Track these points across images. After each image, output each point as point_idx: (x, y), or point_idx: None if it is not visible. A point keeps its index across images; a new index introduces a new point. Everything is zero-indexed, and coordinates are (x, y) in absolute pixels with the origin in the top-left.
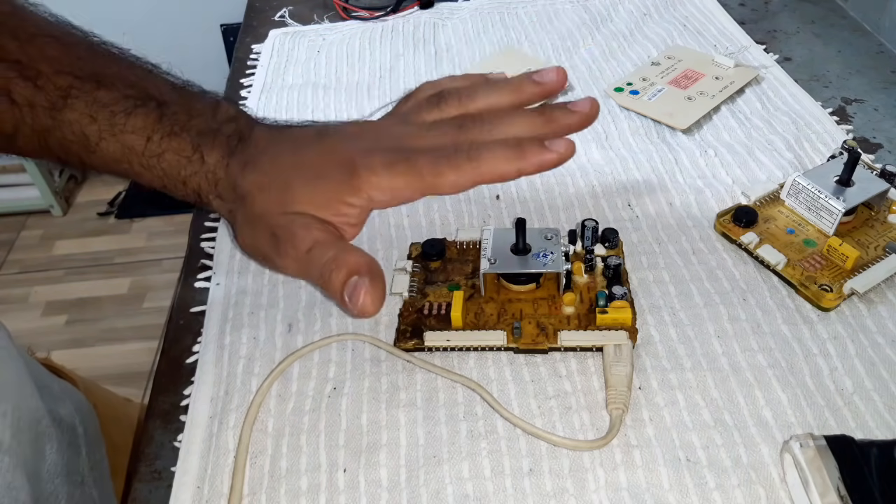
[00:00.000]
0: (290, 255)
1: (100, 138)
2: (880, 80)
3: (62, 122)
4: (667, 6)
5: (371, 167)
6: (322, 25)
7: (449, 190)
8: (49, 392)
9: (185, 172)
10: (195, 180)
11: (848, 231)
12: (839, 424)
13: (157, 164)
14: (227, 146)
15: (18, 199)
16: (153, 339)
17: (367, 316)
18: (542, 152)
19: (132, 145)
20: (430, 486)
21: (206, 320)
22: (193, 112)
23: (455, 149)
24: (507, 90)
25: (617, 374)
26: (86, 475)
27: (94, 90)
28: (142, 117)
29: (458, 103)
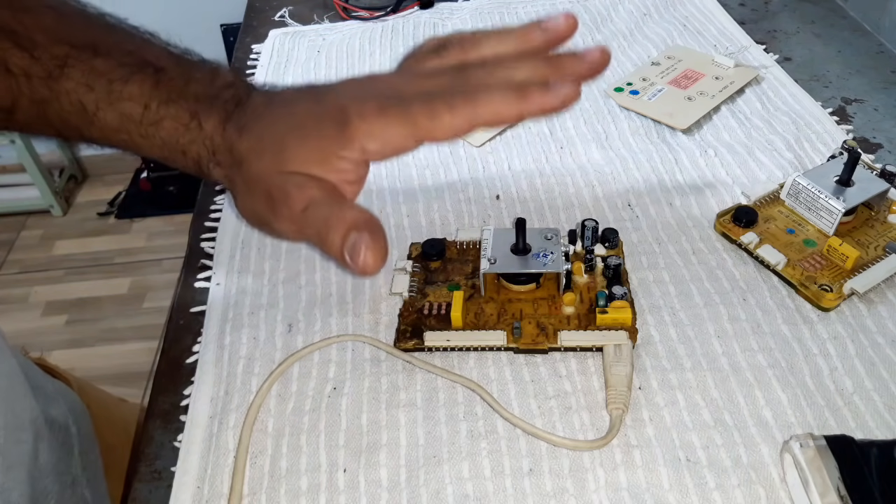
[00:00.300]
0: (285, 216)
1: (97, 108)
2: (880, 80)
3: (59, 93)
4: (667, 6)
5: (362, 114)
6: (322, 25)
7: (445, 134)
8: (42, 392)
9: (184, 140)
10: (194, 148)
11: (848, 231)
12: (839, 424)
13: (155, 133)
14: (225, 111)
15: (18, 199)
16: (153, 339)
17: (369, 274)
18: (545, 94)
19: (130, 113)
20: (430, 486)
21: (206, 320)
22: (191, 79)
23: (452, 90)
24: (513, 38)
25: (617, 374)
26: (78, 475)
27: (91, 59)
28: (138, 84)
29: (460, 51)
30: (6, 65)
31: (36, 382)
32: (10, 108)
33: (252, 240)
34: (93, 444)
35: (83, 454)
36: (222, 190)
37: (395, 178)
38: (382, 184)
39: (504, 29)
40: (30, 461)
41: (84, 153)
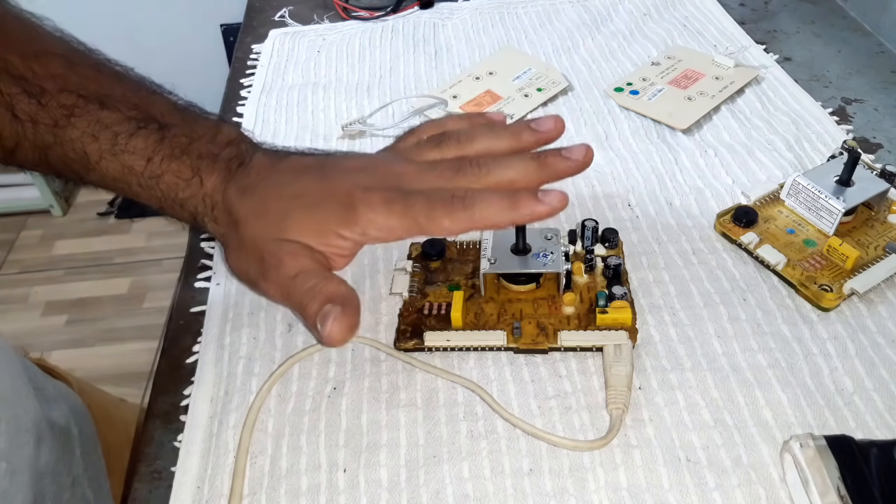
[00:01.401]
0: (274, 280)
1: (100, 157)
2: (880, 80)
3: (64, 140)
4: (667, 6)
5: (369, 204)
6: (322, 25)
7: (441, 233)
8: (43, 393)
9: (183, 195)
10: (192, 203)
11: (848, 231)
12: (839, 424)
13: (155, 186)
14: (227, 170)
15: (18, 199)
16: (153, 339)
17: (332, 344)
18: (535, 204)
19: (132, 166)
20: (430, 486)
21: (206, 320)
22: (194, 135)
23: (451, 194)
24: (506, 135)
25: (617, 374)
26: (79, 476)
27: (98, 110)
28: (143, 139)
29: (457, 145)
30: (13, 110)
31: (37, 384)
32: (12, 150)
33: None
34: (94, 444)
35: (84, 455)
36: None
37: None
38: None
39: (497, 123)
40: (32, 464)
41: None
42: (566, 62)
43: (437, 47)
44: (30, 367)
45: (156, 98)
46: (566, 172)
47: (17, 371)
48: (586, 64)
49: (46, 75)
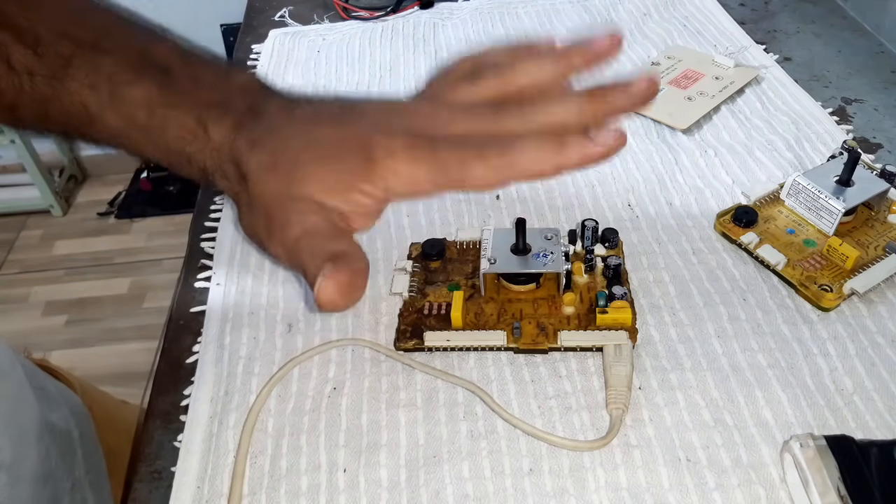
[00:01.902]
0: (279, 241)
1: (101, 110)
2: (880, 80)
3: (63, 93)
4: (667, 6)
5: (391, 151)
6: (322, 25)
7: (476, 186)
8: (45, 395)
9: (190, 148)
10: (200, 157)
11: (848, 231)
12: (839, 424)
13: (160, 139)
14: (235, 120)
15: (18, 199)
16: (153, 339)
17: (324, 307)
18: (586, 146)
19: (133, 117)
20: (430, 486)
21: (206, 320)
22: (200, 82)
23: (486, 139)
24: (552, 60)
25: (617, 374)
26: (80, 478)
27: (96, 58)
28: (143, 87)
29: (496, 80)
30: (9, 61)
31: (38, 385)
32: (12, 106)
33: None
34: (95, 446)
35: (86, 457)
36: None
37: None
38: None
39: (542, 49)
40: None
41: (84, 153)
42: None
43: (437, 47)
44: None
45: (160, 42)
46: (628, 107)
47: (22, 379)
48: None
49: (42, 23)
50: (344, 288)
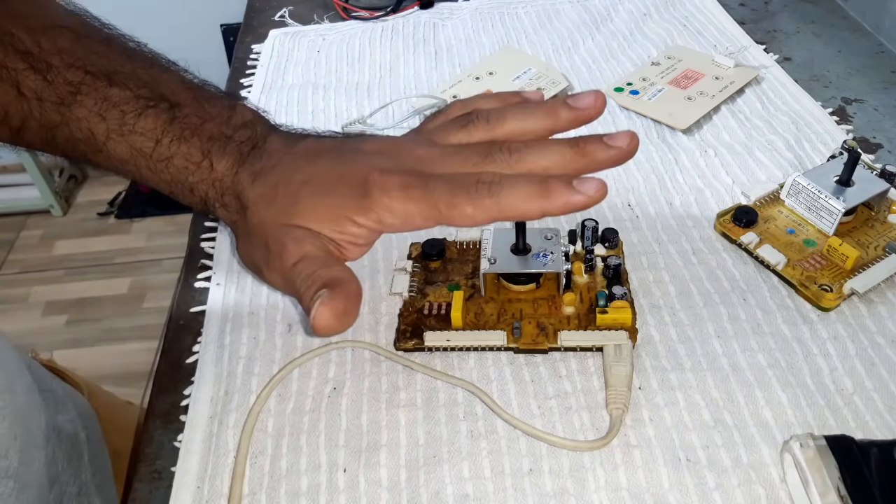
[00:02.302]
0: (276, 268)
1: (108, 138)
2: (880, 80)
3: (70, 119)
4: (667, 6)
5: (385, 188)
6: (322, 25)
7: (464, 223)
8: (53, 398)
9: (193, 179)
10: (202, 188)
11: (848, 231)
12: (839, 424)
13: (164, 169)
14: (239, 153)
15: (18, 199)
16: (153, 339)
17: (320, 333)
18: (570, 193)
19: (140, 147)
20: (430, 486)
21: (206, 320)
22: (207, 116)
23: (476, 179)
24: (540, 114)
25: (617, 374)
26: (87, 482)
27: (106, 87)
28: (152, 119)
29: (486, 125)
30: (19, 87)
31: (45, 386)
32: (18, 129)
33: None
34: (102, 448)
35: (92, 460)
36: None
37: None
38: None
39: (531, 101)
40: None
41: None
42: (566, 62)
43: (437, 47)
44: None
45: (168, 76)
46: (608, 162)
47: (30, 385)
48: (586, 64)
49: (53, 50)
50: (339, 313)
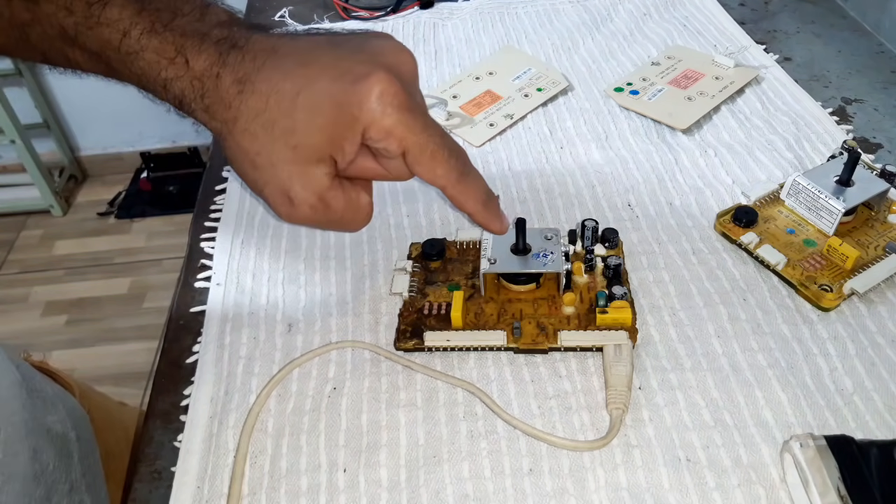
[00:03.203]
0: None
1: (76, 32)
2: (880, 80)
3: (41, 16)
4: (667, 6)
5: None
6: (322, 25)
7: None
8: (41, 397)
9: (167, 75)
10: (178, 85)
11: (848, 231)
12: (839, 424)
13: (134, 62)
14: (217, 53)
15: (18, 199)
16: (153, 339)
17: None
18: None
19: (108, 39)
20: (430, 486)
21: (206, 320)
22: (178, 11)
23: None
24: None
25: (617, 374)
26: (77, 481)
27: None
28: (118, 9)
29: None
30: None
31: (34, 386)
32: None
33: (252, 240)
34: (93, 449)
35: (82, 460)
36: (222, 190)
37: None
38: (382, 184)
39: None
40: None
41: (84, 153)
42: (566, 62)
43: (437, 47)
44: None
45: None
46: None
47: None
48: (586, 64)
49: None
50: None
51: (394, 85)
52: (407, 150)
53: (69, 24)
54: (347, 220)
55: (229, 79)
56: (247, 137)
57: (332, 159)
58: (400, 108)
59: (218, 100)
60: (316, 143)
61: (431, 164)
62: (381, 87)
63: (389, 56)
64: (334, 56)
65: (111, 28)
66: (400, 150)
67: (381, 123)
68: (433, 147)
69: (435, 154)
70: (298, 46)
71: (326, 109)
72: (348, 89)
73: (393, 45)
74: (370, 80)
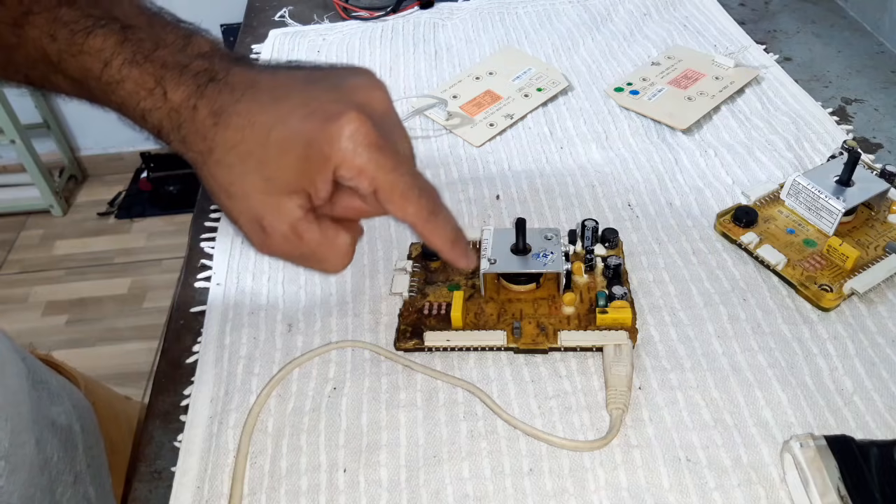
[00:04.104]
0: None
1: (60, 58)
2: (880, 80)
3: (26, 40)
4: (667, 6)
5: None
6: (322, 25)
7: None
8: (46, 389)
9: (145, 105)
10: (156, 116)
11: (848, 231)
12: (839, 424)
13: (114, 92)
14: (195, 86)
15: (18, 199)
16: (153, 339)
17: None
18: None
19: (90, 68)
20: (430, 486)
21: (206, 320)
22: (161, 42)
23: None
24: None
25: (617, 374)
26: (82, 473)
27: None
28: (101, 39)
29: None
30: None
31: (40, 378)
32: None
33: None
34: (97, 441)
35: (87, 451)
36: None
37: None
38: None
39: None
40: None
41: (84, 153)
42: (566, 62)
43: (437, 47)
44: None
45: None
46: None
47: (20, 371)
48: (586, 64)
49: None
50: None
51: (365, 125)
52: (378, 188)
53: (53, 51)
54: (321, 255)
55: (205, 111)
56: (222, 168)
57: (306, 192)
58: (370, 147)
59: (194, 131)
60: (288, 177)
61: (402, 203)
62: (353, 126)
63: (362, 94)
64: (308, 94)
65: (93, 57)
66: (371, 189)
67: (353, 162)
68: (403, 187)
69: (405, 194)
70: (276, 81)
71: (298, 147)
72: (319, 128)
73: (367, 81)
74: (341, 120)
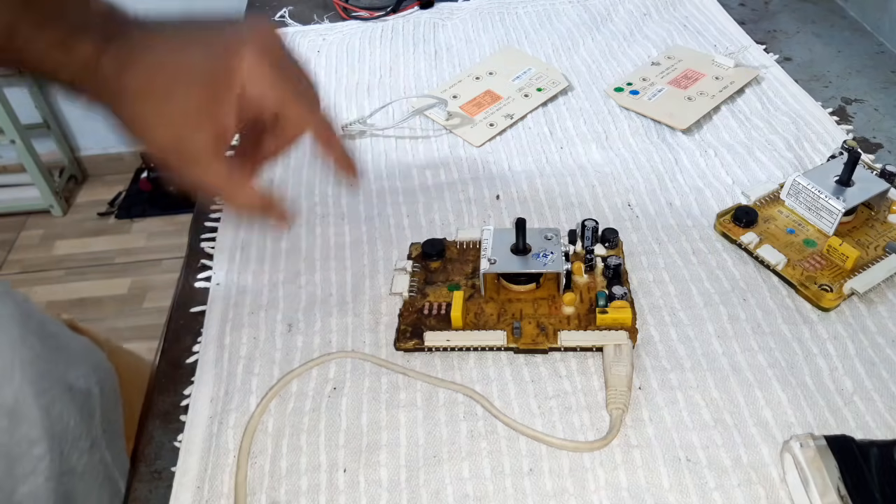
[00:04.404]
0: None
1: None
2: (880, 80)
3: None
4: (667, 6)
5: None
6: (322, 25)
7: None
8: (66, 352)
9: (55, 63)
10: (67, 72)
11: (848, 231)
12: (839, 424)
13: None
14: (98, 40)
15: (18, 199)
16: (153, 339)
17: None
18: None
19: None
20: (430, 486)
21: (206, 320)
22: (66, 5)
23: None
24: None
25: (617, 374)
26: (98, 437)
27: None
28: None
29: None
30: None
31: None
32: None
33: (252, 240)
34: (115, 403)
35: (105, 415)
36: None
37: (395, 177)
38: (383, 184)
39: None
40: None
41: (84, 153)
42: (566, 62)
43: (437, 47)
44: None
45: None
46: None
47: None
48: (586, 64)
49: None
50: None
51: (265, 54)
52: (284, 102)
53: None
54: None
55: (109, 61)
56: (134, 108)
57: (213, 128)
58: (272, 67)
59: (103, 81)
60: (193, 109)
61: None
62: (253, 57)
63: (258, 34)
64: (208, 38)
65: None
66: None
67: (258, 80)
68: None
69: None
70: (178, 29)
71: (201, 80)
72: (222, 63)
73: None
74: (242, 51)
